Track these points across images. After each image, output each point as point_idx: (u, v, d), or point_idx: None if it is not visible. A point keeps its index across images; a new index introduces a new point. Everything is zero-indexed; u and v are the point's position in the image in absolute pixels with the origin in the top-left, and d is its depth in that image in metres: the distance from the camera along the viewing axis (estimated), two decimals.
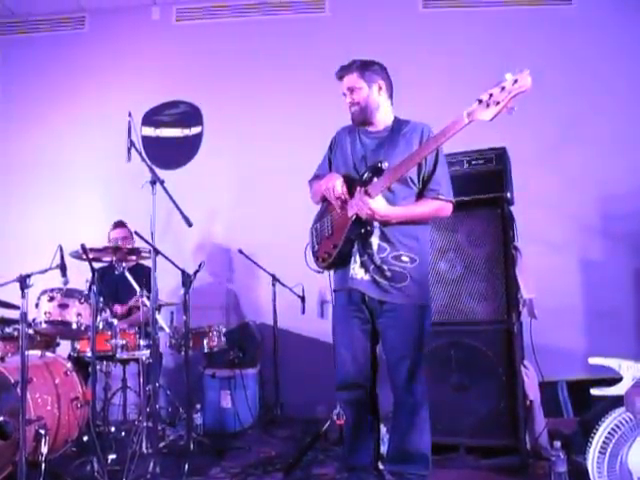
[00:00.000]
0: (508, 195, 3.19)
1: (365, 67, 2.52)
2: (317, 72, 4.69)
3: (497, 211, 3.16)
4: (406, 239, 2.44)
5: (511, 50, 4.63)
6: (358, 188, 2.39)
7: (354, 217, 2.42)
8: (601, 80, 4.58)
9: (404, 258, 2.42)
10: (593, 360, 2.01)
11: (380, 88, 2.53)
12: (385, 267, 2.41)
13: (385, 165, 2.37)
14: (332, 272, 2.62)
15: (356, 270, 2.46)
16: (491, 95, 2.06)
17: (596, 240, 4.48)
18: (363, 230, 2.41)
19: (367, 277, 2.43)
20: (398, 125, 2.54)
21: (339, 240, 2.48)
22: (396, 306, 2.41)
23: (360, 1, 4.88)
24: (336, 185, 2.47)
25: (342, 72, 2.55)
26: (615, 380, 2.06)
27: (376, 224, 2.43)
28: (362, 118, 2.54)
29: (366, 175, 2.41)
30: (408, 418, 2.43)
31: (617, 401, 1.82)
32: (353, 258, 2.47)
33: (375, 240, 2.43)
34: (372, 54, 2.62)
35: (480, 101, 2.08)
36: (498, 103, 2.05)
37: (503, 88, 2.04)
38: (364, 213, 2.35)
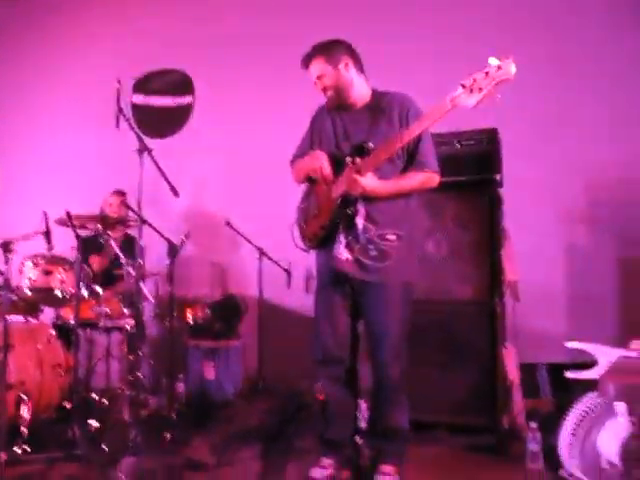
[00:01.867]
0: (498, 177, 3.19)
1: (327, 49, 2.50)
2: (311, 42, 4.65)
3: (486, 193, 3.16)
4: (391, 217, 2.43)
5: (504, 26, 4.56)
6: (349, 167, 2.37)
7: (339, 199, 2.41)
8: (592, 65, 4.54)
9: (389, 236, 2.41)
10: (571, 344, 2.03)
11: (347, 65, 2.49)
12: (371, 247, 2.41)
13: (371, 145, 2.36)
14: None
15: (340, 250, 2.45)
16: (474, 80, 2.03)
17: (582, 226, 4.51)
18: (348, 211, 2.41)
19: (351, 257, 2.43)
20: (377, 99, 2.51)
21: (325, 221, 2.48)
22: (379, 284, 2.42)
23: None
24: (323, 165, 2.46)
25: (306, 61, 2.52)
26: (594, 364, 2.10)
27: (360, 205, 2.41)
28: (338, 101, 2.52)
29: (350, 156, 2.40)
30: (388, 395, 2.46)
31: (593, 384, 1.85)
32: (338, 238, 2.46)
33: (360, 220, 2.42)
34: (372, 27, 2.58)
35: (463, 86, 2.05)
36: (481, 89, 2.02)
37: (487, 74, 2.01)
38: (356, 190, 2.33)
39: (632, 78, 4.48)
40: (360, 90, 2.52)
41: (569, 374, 2.00)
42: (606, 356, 1.84)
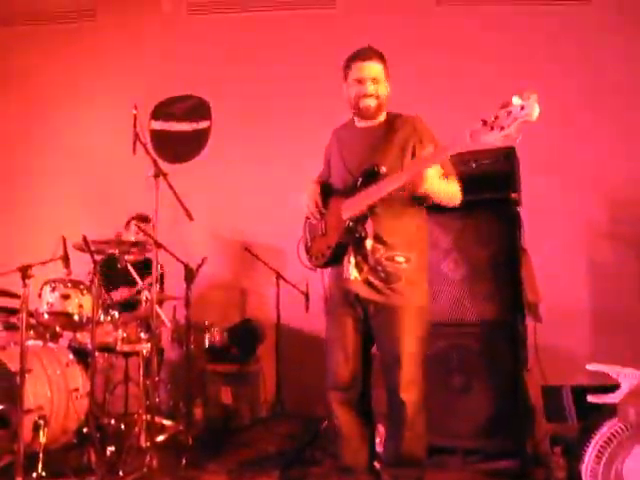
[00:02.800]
0: (516, 196, 3.15)
1: (386, 61, 2.45)
2: (327, 68, 4.68)
3: (504, 212, 3.12)
4: (400, 239, 2.40)
5: (525, 49, 4.57)
6: (414, 160, 2.33)
7: (349, 220, 2.38)
8: (616, 81, 4.51)
9: (398, 258, 2.38)
10: (592, 366, 1.97)
11: (388, 88, 2.48)
12: (379, 268, 2.37)
13: (383, 169, 2.33)
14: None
15: (350, 270, 2.42)
16: (496, 117, 1.93)
17: (605, 243, 4.43)
18: (357, 235, 2.38)
19: (361, 278, 2.40)
20: (391, 120, 2.47)
21: (333, 242, 2.45)
22: (389, 307, 2.38)
23: None
24: (310, 201, 2.53)
25: (367, 56, 2.41)
26: (618, 387, 2.02)
27: (369, 227, 2.37)
28: (372, 114, 2.47)
29: (360, 181, 2.37)
30: (403, 420, 2.38)
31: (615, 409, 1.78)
32: (347, 258, 2.43)
33: (369, 241, 2.39)
34: (384, 51, 2.56)
35: (484, 122, 1.96)
36: (502, 128, 1.91)
37: (509, 113, 1.91)
38: (420, 185, 2.23)
39: None
40: (382, 113, 2.51)
41: (591, 398, 1.93)
42: (629, 379, 1.77)
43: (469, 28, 4.69)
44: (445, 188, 2.34)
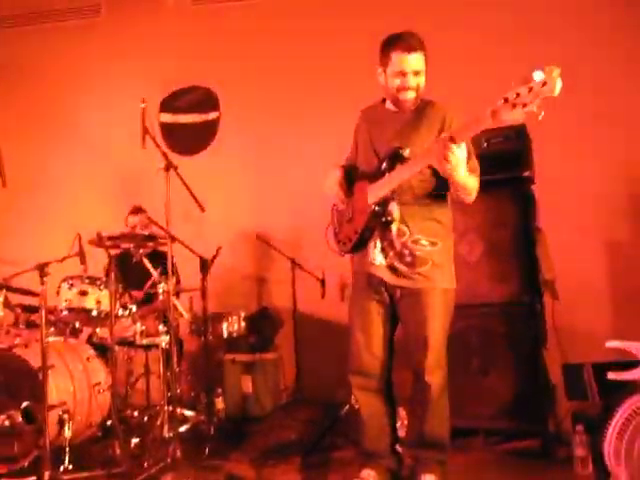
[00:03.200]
0: (529, 174, 3.11)
1: (425, 48, 2.35)
2: (336, 53, 4.65)
3: (517, 191, 3.09)
4: (426, 222, 2.38)
5: (538, 31, 4.47)
6: (444, 135, 2.18)
7: (374, 204, 2.36)
8: (634, 56, 4.40)
9: (423, 242, 2.36)
10: (611, 344, 1.94)
11: None
12: (406, 252, 2.36)
13: (407, 152, 2.30)
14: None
15: (375, 255, 2.41)
16: (518, 95, 1.86)
17: (623, 220, 4.36)
18: (383, 219, 2.36)
19: (386, 263, 2.39)
20: (422, 106, 2.42)
21: (360, 225, 2.43)
22: (416, 291, 2.37)
23: None
24: (333, 185, 2.51)
25: (415, 47, 2.31)
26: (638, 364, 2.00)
27: (395, 210, 2.35)
28: (410, 105, 2.40)
29: (385, 164, 2.35)
30: (427, 403, 2.39)
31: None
32: (373, 243, 2.42)
33: (395, 225, 2.37)
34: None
35: (506, 100, 1.90)
36: (525, 105, 1.86)
37: (531, 89, 1.84)
38: (448, 162, 2.13)
39: None
40: None
41: (611, 375, 1.91)
42: None
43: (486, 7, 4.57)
44: (465, 180, 2.28)
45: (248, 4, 4.96)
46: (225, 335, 3.81)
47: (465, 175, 2.25)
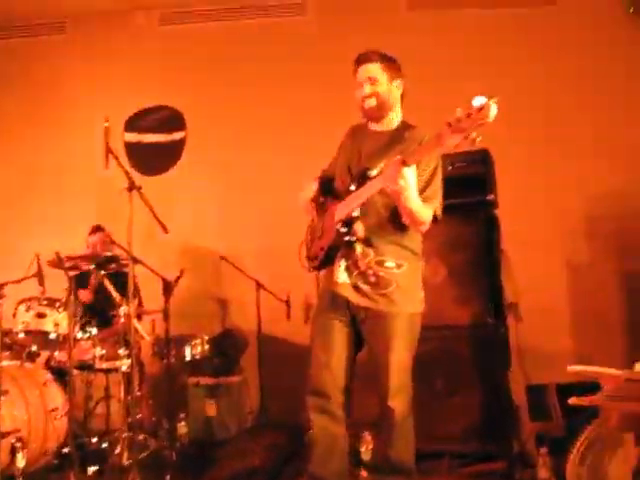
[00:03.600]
0: (492, 198, 3.16)
1: (388, 60, 2.42)
2: (300, 75, 4.69)
3: (481, 214, 3.13)
4: (391, 244, 2.36)
5: (495, 51, 4.62)
6: (397, 158, 2.14)
7: (340, 222, 2.35)
8: (585, 81, 4.56)
9: (388, 263, 2.34)
10: (572, 368, 1.96)
11: (398, 87, 2.44)
12: (370, 272, 2.34)
13: (374, 173, 2.29)
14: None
15: (340, 274, 2.39)
16: (458, 120, 1.88)
17: (582, 241, 4.46)
18: (347, 239, 2.34)
19: (350, 282, 2.37)
20: (403, 129, 2.43)
21: (326, 243, 2.42)
22: (380, 313, 2.33)
23: (342, 4, 4.84)
24: (303, 199, 2.50)
25: (363, 59, 2.40)
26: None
27: (360, 230, 2.34)
28: (377, 114, 2.42)
29: (352, 183, 2.35)
30: (391, 427, 2.35)
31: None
32: (338, 262, 2.40)
33: (359, 245, 2.35)
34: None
35: (449, 125, 1.91)
36: (463, 130, 1.88)
37: (469, 115, 1.85)
38: (395, 184, 2.10)
39: (628, 95, 4.50)
40: (395, 116, 2.46)
41: (573, 400, 1.93)
42: (610, 380, 1.76)
43: (438, 31, 4.71)
44: (417, 208, 2.22)
45: (215, 26, 4.98)
46: (188, 358, 3.75)
47: (416, 202, 2.20)
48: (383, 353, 2.33)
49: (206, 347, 3.83)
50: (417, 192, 2.21)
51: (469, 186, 3.14)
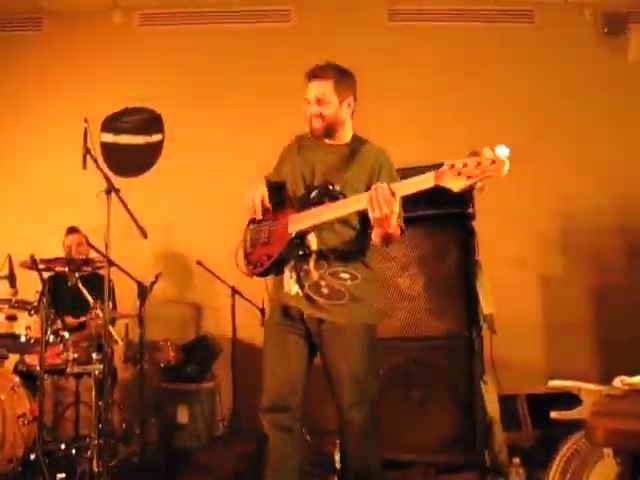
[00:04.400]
0: (471, 210, 3.19)
1: (342, 77, 2.34)
2: (281, 82, 4.69)
3: (459, 226, 3.16)
4: (344, 257, 2.32)
5: (476, 65, 4.70)
6: (382, 184, 2.09)
7: (293, 236, 2.29)
8: (562, 96, 4.67)
9: (342, 275, 2.30)
10: (553, 383, 1.99)
11: (349, 105, 2.39)
12: (322, 283, 2.29)
13: (338, 189, 2.26)
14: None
15: (291, 286, 2.33)
16: (465, 165, 1.90)
17: (556, 255, 4.55)
18: (302, 252, 2.30)
19: (302, 294, 2.31)
20: (355, 143, 2.41)
21: (274, 252, 2.35)
22: (335, 325, 2.29)
23: (326, 12, 4.87)
24: (255, 196, 2.39)
25: (315, 74, 2.32)
26: (574, 395, 2.05)
27: (314, 242, 2.29)
28: (324, 134, 2.39)
29: (314, 194, 2.30)
30: (352, 439, 2.30)
31: (576, 421, 1.81)
32: (289, 273, 2.34)
33: (312, 257, 2.31)
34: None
35: (452, 166, 1.93)
36: (469, 177, 1.89)
37: (479, 164, 1.88)
38: (384, 210, 2.06)
39: (599, 111, 4.62)
40: (346, 132, 2.43)
41: (554, 415, 1.95)
42: (590, 395, 1.80)
43: (419, 43, 4.78)
44: (392, 233, 2.22)
45: (196, 28, 4.96)
46: (161, 364, 3.69)
47: (393, 229, 2.19)
48: (339, 365, 2.29)
49: (179, 353, 3.79)
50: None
51: (447, 198, 3.14)
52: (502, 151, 1.87)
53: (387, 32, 4.86)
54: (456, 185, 1.94)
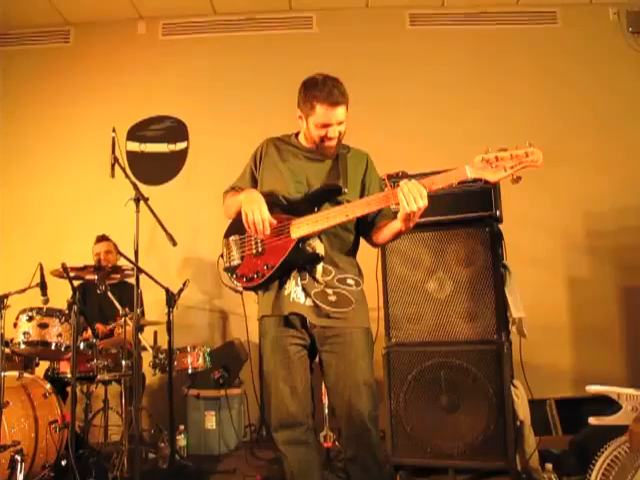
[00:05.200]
0: (497, 213, 3.17)
1: (347, 100, 2.31)
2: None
3: (486, 229, 3.13)
4: (349, 263, 2.34)
5: (498, 67, 4.68)
6: (412, 180, 2.07)
7: (298, 242, 2.22)
8: (585, 99, 4.63)
9: (349, 281, 2.29)
10: (591, 388, 1.95)
11: None
12: (329, 291, 2.24)
13: (345, 191, 2.24)
14: (258, 295, 2.38)
15: (298, 294, 2.24)
16: (498, 159, 1.99)
17: (582, 257, 4.50)
18: (308, 256, 2.23)
19: (309, 302, 2.24)
20: (341, 153, 2.39)
21: (275, 261, 2.24)
22: (343, 331, 2.24)
23: (348, 18, 4.88)
24: (262, 210, 2.23)
25: (340, 101, 2.26)
26: (604, 399, 2.01)
27: (320, 247, 2.22)
28: (333, 151, 2.36)
29: (319, 200, 2.25)
30: (371, 449, 2.22)
31: (613, 427, 1.78)
32: (294, 281, 2.26)
33: (320, 263, 2.25)
34: (360, 71, 2.58)
35: (487, 160, 2.00)
36: (506, 169, 1.99)
37: (513, 156, 1.99)
38: (419, 206, 2.04)
39: (623, 111, 4.56)
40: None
41: (592, 420, 1.92)
42: (630, 401, 1.76)
43: (441, 47, 4.77)
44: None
45: (219, 37, 5.00)
46: (190, 370, 3.72)
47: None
48: (351, 374, 2.22)
49: (207, 359, 3.80)
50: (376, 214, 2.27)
51: (474, 201, 3.15)
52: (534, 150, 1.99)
53: (408, 36, 4.85)
54: (494, 176, 2.00)
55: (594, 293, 4.36)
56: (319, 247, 2.24)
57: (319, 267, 2.25)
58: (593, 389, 1.91)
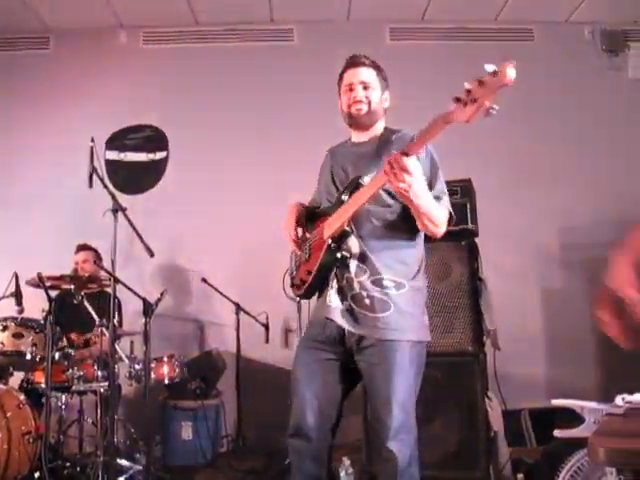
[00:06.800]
0: (473, 227, 3.22)
1: (381, 69, 2.27)
2: (284, 99, 4.74)
3: (463, 243, 3.18)
4: (388, 261, 2.09)
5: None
6: (393, 152, 1.92)
7: (330, 239, 2.11)
8: (562, 113, 4.72)
9: (386, 282, 2.06)
10: (555, 402, 2.00)
11: (386, 99, 2.28)
12: (364, 293, 2.06)
13: (365, 180, 2.06)
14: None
15: (332, 297, 2.10)
16: (468, 92, 1.64)
17: (556, 270, 4.58)
18: (339, 255, 2.08)
19: (343, 305, 2.08)
20: (387, 135, 2.24)
21: (314, 265, 2.16)
22: (379, 342, 2.03)
23: (328, 31, 4.93)
24: (290, 230, 2.28)
25: (360, 62, 2.22)
26: (578, 416, 2.06)
27: (354, 246, 2.08)
28: (367, 121, 2.23)
29: (344, 195, 2.13)
30: (391, 475, 1.99)
31: (583, 439, 1.82)
32: (330, 284, 2.12)
33: (353, 262, 2.09)
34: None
35: (458, 100, 1.68)
36: (475, 101, 1.64)
37: (481, 82, 1.62)
38: (399, 179, 1.84)
39: (599, 128, 4.66)
40: (380, 125, 2.29)
41: (557, 433, 1.96)
42: (592, 414, 1.81)
43: (420, 62, 4.83)
44: (428, 205, 1.99)
45: (198, 47, 5.01)
46: (166, 380, 3.70)
47: (428, 197, 1.99)
48: (383, 389, 2.03)
49: (184, 370, 3.79)
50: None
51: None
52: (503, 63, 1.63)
53: (388, 50, 4.91)
54: (465, 115, 1.68)
55: (567, 305, 4.43)
56: (354, 245, 2.09)
57: (352, 266, 2.09)
58: (557, 402, 1.95)
